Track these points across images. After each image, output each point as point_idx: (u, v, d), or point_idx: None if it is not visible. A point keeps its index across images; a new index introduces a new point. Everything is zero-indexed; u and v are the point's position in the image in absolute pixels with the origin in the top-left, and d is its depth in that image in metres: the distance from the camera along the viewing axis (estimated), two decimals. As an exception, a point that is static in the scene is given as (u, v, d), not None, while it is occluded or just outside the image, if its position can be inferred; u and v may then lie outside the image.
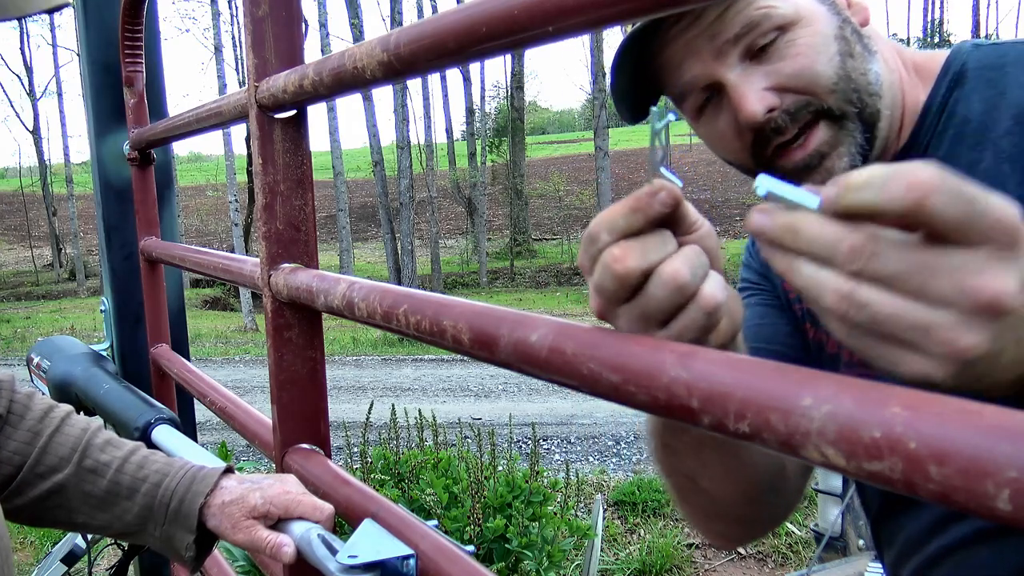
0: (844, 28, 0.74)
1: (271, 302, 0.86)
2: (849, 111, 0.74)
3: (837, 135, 0.74)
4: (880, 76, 0.75)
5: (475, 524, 2.87)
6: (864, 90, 0.74)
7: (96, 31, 1.67)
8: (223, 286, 19.92)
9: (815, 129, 0.74)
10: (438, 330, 0.56)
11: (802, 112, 0.74)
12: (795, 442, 0.32)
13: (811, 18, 0.74)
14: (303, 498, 0.82)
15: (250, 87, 0.84)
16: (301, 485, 0.84)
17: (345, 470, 0.85)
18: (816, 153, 0.75)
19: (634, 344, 0.41)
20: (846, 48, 0.74)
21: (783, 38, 0.73)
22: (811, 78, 0.73)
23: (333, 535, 0.77)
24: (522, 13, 0.45)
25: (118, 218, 1.72)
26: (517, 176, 25.23)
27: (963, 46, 0.78)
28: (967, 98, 0.75)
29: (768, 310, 0.91)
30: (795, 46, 0.73)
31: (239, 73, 24.23)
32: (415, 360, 9.69)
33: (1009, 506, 0.25)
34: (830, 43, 0.73)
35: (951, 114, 0.76)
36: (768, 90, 0.74)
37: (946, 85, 0.77)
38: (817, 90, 0.73)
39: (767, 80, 0.74)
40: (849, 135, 0.74)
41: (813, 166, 0.75)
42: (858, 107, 0.74)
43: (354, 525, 0.76)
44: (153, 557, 1.77)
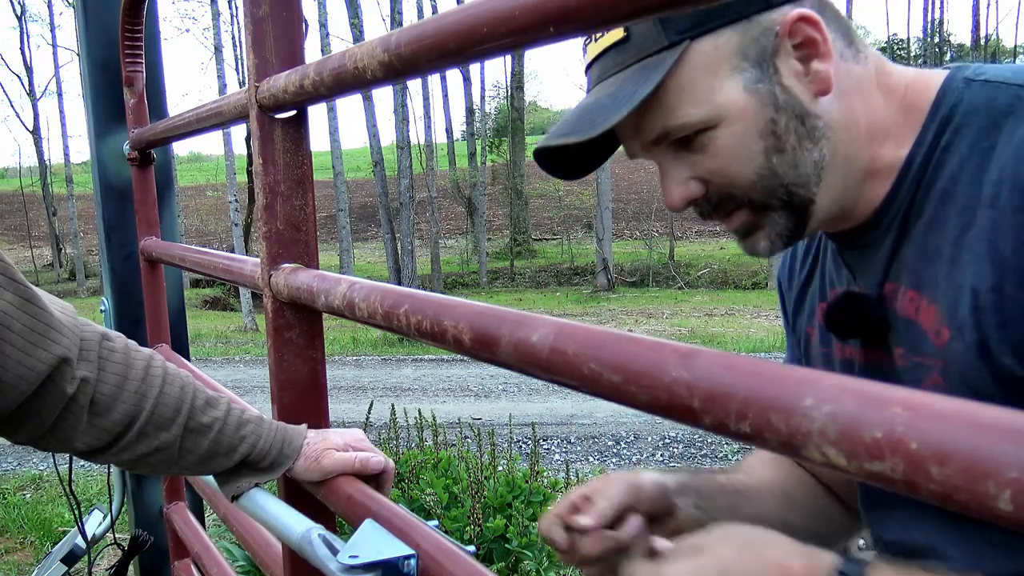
0: (776, 122, 0.70)
1: (271, 302, 0.86)
2: (773, 203, 0.73)
3: (759, 219, 0.75)
4: (823, 160, 0.72)
5: (475, 524, 2.87)
6: (792, 183, 0.72)
7: (96, 31, 1.67)
8: (223, 286, 19.92)
9: (736, 213, 0.76)
10: (439, 330, 0.56)
11: (725, 203, 0.75)
12: (796, 442, 0.32)
13: (734, 117, 0.70)
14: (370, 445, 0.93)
15: (250, 87, 0.84)
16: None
17: (345, 470, 0.86)
18: (740, 229, 0.77)
19: (635, 344, 0.41)
20: (774, 144, 0.71)
21: (705, 136, 0.72)
22: (729, 177, 0.73)
23: (334, 535, 0.77)
24: (522, 14, 0.45)
25: (118, 218, 1.72)
26: (517, 176, 25.23)
27: (955, 79, 0.73)
28: (957, 149, 0.70)
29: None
30: (715, 146, 0.72)
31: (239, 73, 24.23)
32: (415, 360, 9.69)
33: (1010, 506, 0.26)
34: (753, 142, 0.71)
35: (939, 164, 0.72)
36: (693, 179, 0.75)
37: (933, 132, 0.72)
38: (736, 189, 0.73)
39: (691, 170, 0.74)
40: (772, 222, 0.75)
41: (741, 235, 0.78)
42: (784, 198, 0.73)
43: (355, 525, 0.76)
44: (153, 557, 1.77)
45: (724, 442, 5.71)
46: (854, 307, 0.79)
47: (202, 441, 0.88)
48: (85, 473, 5.19)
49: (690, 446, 5.75)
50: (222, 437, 0.88)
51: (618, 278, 19.74)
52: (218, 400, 0.91)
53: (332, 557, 0.73)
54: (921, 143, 0.73)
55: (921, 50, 28.82)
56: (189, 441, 0.87)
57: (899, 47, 33.36)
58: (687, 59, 0.69)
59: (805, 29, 0.69)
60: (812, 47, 0.70)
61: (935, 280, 0.71)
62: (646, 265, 20.78)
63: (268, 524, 0.85)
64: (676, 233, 23.10)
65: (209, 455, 0.88)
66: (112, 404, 0.84)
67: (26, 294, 0.77)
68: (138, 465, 0.89)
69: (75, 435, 0.83)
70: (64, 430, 0.82)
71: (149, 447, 0.86)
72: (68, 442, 0.84)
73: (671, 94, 0.70)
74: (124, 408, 0.85)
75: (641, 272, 20.58)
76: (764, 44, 0.69)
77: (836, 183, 0.73)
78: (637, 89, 0.68)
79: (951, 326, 0.69)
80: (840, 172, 0.73)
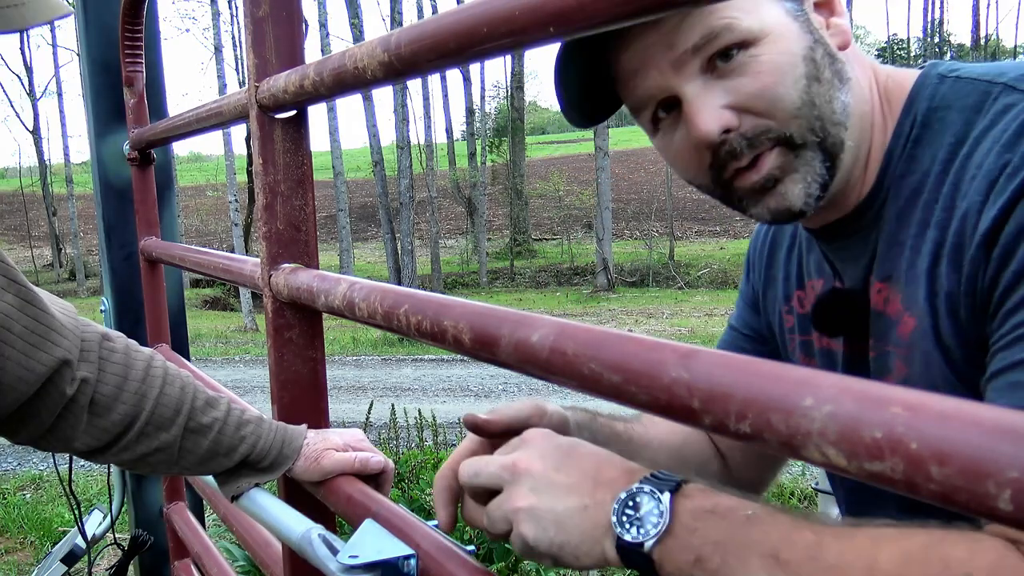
0: (815, 50, 0.69)
1: (271, 302, 0.86)
2: (810, 139, 0.70)
3: (793, 161, 0.71)
4: (849, 107, 0.71)
5: (475, 524, 2.86)
6: (828, 119, 0.69)
7: (96, 31, 1.68)
8: (223, 286, 19.92)
9: (769, 153, 0.71)
10: (439, 330, 0.56)
11: (760, 138, 0.70)
12: (796, 442, 0.32)
13: (779, 35, 0.68)
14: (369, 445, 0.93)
15: (250, 87, 0.84)
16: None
17: (345, 470, 0.86)
18: (769, 177, 0.71)
19: (635, 344, 0.41)
20: (814, 72, 0.69)
21: (746, 53, 0.68)
22: (772, 100, 0.68)
23: (334, 535, 0.77)
24: (522, 14, 0.45)
25: (118, 218, 1.73)
26: (517, 176, 25.23)
27: (929, 75, 0.73)
28: (929, 143, 0.70)
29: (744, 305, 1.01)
30: (758, 63, 0.68)
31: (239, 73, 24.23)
32: (415, 360, 9.69)
33: (1010, 506, 0.26)
34: (797, 64, 0.68)
35: (911, 158, 0.72)
36: (727, 108, 0.69)
37: (908, 126, 0.72)
38: (777, 114, 0.69)
39: (726, 97, 0.69)
40: (806, 163, 0.71)
41: (768, 188, 0.72)
42: (820, 136, 0.70)
43: (355, 525, 0.76)
44: (153, 557, 1.77)
45: (724, 442, 5.70)
46: (840, 304, 0.79)
47: (202, 441, 0.88)
48: (85, 473, 5.19)
49: (690, 446, 5.74)
50: (222, 437, 0.88)
51: (618, 278, 19.74)
52: (218, 400, 0.91)
53: (332, 557, 0.73)
54: (899, 135, 0.73)
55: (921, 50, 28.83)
56: (189, 441, 0.87)
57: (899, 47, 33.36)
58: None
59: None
60: (830, 5, 0.72)
61: (900, 271, 0.72)
62: (646, 265, 20.79)
63: (268, 524, 0.85)
64: (676, 233, 23.10)
65: (209, 455, 0.88)
66: (112, 405, 0.84)
67: (27, 295, 0.77)
68: (138, 465, 0.89)
69: (75, 435, 0.83)
70: (64, 430, 0.82)
71: (149, 447, 0.86)
72: (68, 442, 0.84)
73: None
74: (124, 409, 0.85)
75: (641, 272, 20.59)
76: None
77: (853, 142, 0.72)
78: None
79: (912, 313, 0.70)
80: (856, 132, 0.72)
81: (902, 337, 0.72)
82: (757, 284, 0.96)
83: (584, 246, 24.22)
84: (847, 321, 0.79)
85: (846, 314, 0.79)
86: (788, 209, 0.72)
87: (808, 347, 0.87)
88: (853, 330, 0.79)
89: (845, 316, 0.79)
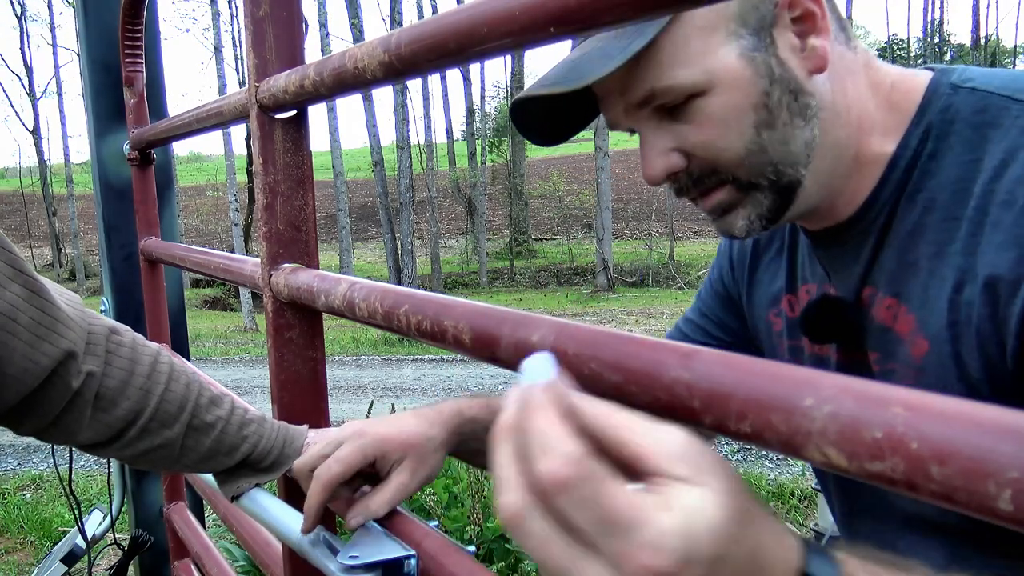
0: (771, 95, 0.67)
1: (271, 302, 0.86)
2: (760, 182, 0.70)
3: (741, 198, 0.72)
4: (814, 141, 0.69)
5: (475, 524, 2.87)
6: (782, 160, 0.69)
7: (96, 31, 1.67)
8: (223, 286, 19.92)
9: (716, 191, 0.72)
10: (439, 330, 0.56)
11: (706, 179, 0.71)
12: (797, 442, 0.32)
13: (727, 84, 0.66)
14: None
15: (250, 87, 0.84)
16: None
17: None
18: (716, 208, 0.73)
19: (635, 344, 0.41)
20: (766, 119, 0.67)
21: (694, 103, 0.67)
22: (716, 151, 0.69)
23: (334, 535, 0.77)
24: (523, 14, 0.45)
25: (118, 218, 1.72)
26: (517, 176, 25.23)
27: (941, 83, 0.71)
28: (943, 158, 0.68)
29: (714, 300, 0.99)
30: (703, 115, 0.68)
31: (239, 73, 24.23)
32: (415, 360, 9.69)
33: (1011, 506, 0.26)
34: (745, 114, 0.67)
35: (925, 172, 0.69)
36: (675, 151, 0.70)
37: (918, 137, 0.70)
38: (722, 163, 0.69)
39: (674, 141, 0.70)
40: (755, 201, 0.71)
41: (715, 217, 0.75)
42: (772, 178, 0.69)
43: (355, 525, 0.76)
44: (153, 557, 1.77)
45: (724, 442, 5.70)
46: (831, 312, 0.78)
47: (204, 440, 0.88)
48: (85, 473, 5.19)
49: (690, 446, 5.74)
50: (224, 436, 0.88)
51: (618, 278, 19.74)
52: (222, 399, 0.91)
53: (332, 557, 0.73)
54: (906, 146, 0.71)
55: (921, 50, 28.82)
56: (192, 439, 0.87)
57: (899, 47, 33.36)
58: (684, 18, 0.66)
59: (805, 2, 0.67)
60: (810, 22, 0.68)
61: (914, 290, 0.70)
62: (646, 265, 20.79)
63: (268, 524, 0.85)
64: (676, 233, 23.10)
65: (211, 454, 0.88)
66: (117, 399, 0.84)
67: (34, 286, 0.77)
68: (139, 461, 0.89)
69: (79, 429, 0.83)
70: (69, 424, 0.82)
71: (152, 443, 0.86)
72: (72, 435, 0.84)
73: (663, 52, 0.66)
74: (129, 404, 0.84)
75: (641, 272, 20.58)
76: (763, 12, 0.67)
77: (824, 168, 0.71)
78: (630, 43, 0.65)
79: (928, 337, 0.69)
80: (829, 157, 0.71)
81: (913, 359, 0.70)
82: (740, 284, 0.95)
83: (584, 246, 24.22)
84: (838, 329, 0.78)
85: (837, 322, 0.77)
86: (732, 235, 0.75)
87: (798, 352, 0.86)
88: (844, 338, 0.78)
89: (836, 324, 0.78)
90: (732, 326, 0.97)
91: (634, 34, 0.65)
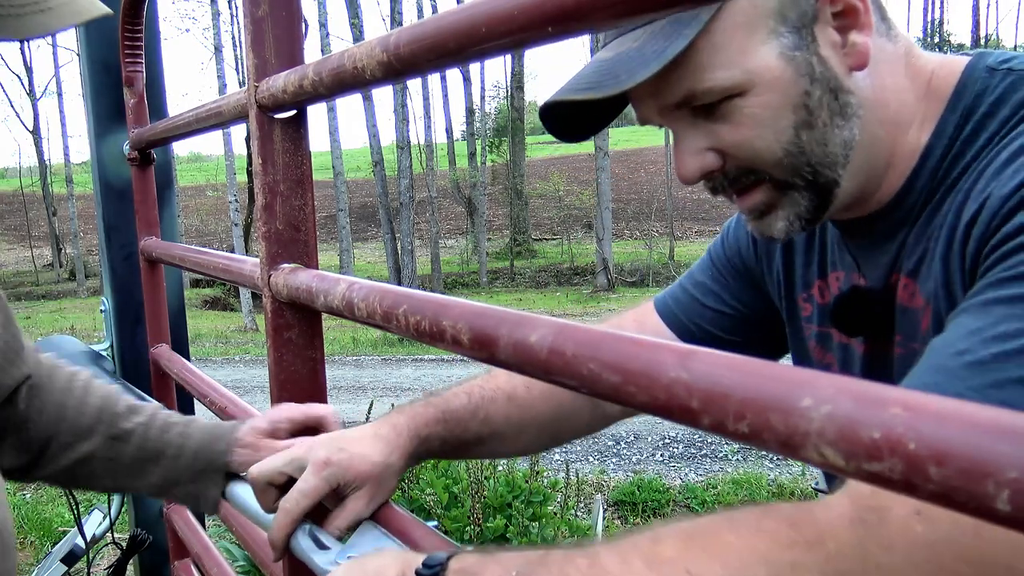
0: (810, 94, 0.65)
1: (271, 302, 0.86)
2: (797, 182, 0.69)
3: (779, 198, 0.70)
4: (853, 139, 0.68)
5: (475, 524, 2.87)
6: (820, 161, 0.67)
7: (96, 31, 1.67)
8: (223, 286, 19.92)
9: (754, 191, 0.71)
10: (438, 331, 0.56)
11: (742, 178, 0.70)
12: (795, 443, 0.32)
13: (767, 85, 0.65)
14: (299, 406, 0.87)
15: (250, 87, 0.84)
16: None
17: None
18: (754, 209, 0.72)
19: (634, 345, 0.41)
20: (806, 119, 0.66)
21: (731, 103, 0.66)
22: (753, 151, 0.67)
23: (324, 531, 0.77)
24: (522, 14, 0.45)
25: (118, 218, 1.73)
26: (517, 176, 25.23)
27: (976, 67, 0.68)
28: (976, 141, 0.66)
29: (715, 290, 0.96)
30: (741, 115, 0.66)
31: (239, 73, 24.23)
32: (415, 360, 9.69)
33: (1009, 506, 0.25)
34: (784, 115, 0.66)
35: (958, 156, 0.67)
36: (710, 150, 0.69)
37: (954, 123, 0.68)
38: (758, 163, 0.68)
39: (709, 140, 0.69)
40: (793, 202, 0.70)
41: (753, 218, 0.73)
42: (809, 177, 0.68)
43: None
44: (153, 557, 1.77)
45: (724, 442, 5.71)
46: (860, 304, 0.77)
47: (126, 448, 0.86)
48: (85, 473, 5.18)
49: (690, 446, 5.75)
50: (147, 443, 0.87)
51: (618, 278, 19.74)
52: (142, 408, 0.90)
53: (317, 550, 0.73)
54: (941, 134, 0.68)
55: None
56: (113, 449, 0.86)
57: (899, 47, 33.18)
58: (723, 16, 0.63)
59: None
60: (852, 16, 0.65)
61: (925, 265, 0.69)
62: (646, 265, 20.78)
63: (259, 521, 0.85)
64: (676, 233, 23.10)
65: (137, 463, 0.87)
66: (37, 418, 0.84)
67: (8, 313, 0.78)
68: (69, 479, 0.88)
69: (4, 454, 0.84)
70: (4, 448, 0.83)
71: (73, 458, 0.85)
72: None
73: (702, 53, 0.64)
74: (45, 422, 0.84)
75: (641, 272, 20.58)
76: (804, 8, 0.65)
77: (862, 166, 0.69)
78: (668, 45, 0.62)
79: (929, 303, 0.68)
80: (866, 154, 0.69)
81: (923, 335, 0.69)
82: (763, 261, 0.92)
83: (584, 246, 24.22)
84: (867, 321, 0.77)
85: (866, 314, 0.76)
86: (771, 236, 0.73)
87: (825, 339, 0.84)
88: (873, 330, 0.77)
89: (865, 316, 0.77)
90: (745, 299, 0.95)
91: (671, 35, 0.63)
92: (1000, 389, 0.50)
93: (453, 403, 0.90)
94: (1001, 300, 0.54)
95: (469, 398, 0.92)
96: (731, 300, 0.96)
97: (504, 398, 0.93)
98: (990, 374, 0.51)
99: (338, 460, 0.77)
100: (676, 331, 0.97)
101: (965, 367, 0.53)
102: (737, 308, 0.95)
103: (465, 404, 0.91)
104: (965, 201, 0.64)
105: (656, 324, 0.98)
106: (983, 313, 0.54)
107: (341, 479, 0.77)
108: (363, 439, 0.81)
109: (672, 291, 1.00)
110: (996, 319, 0.53)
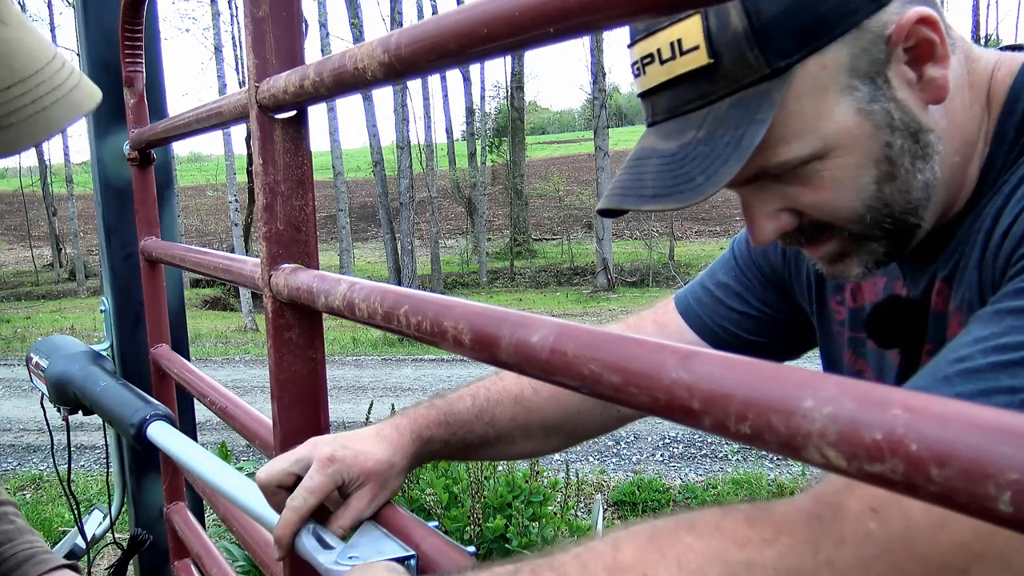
0: (891, 145, 0.61)
1: (271, 302, 0.86)
2: (875, 234, 0.65)
3: (854, 248, 0.67)
4: (932, 180, 0.64)
5: (475, 524, 2.87)
6: (902, 209, 0.64)
7: (96, 31, 1.67)
8: (223, 286, 19.92)
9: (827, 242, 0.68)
10: (439, 331, 0.56)
11: (819, 232, 0.67)
12: (796, 443, 0.32)
13: (846, 146, 0.61)
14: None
15: (250, 87, 0.84)
16: None
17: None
18: (827, 256, 0.69)
19: (635, 346, 0.41)
20: (887, 171, 0.62)
21: (808, 167, 0.62)
22: (832, 211, 0.64)
23: (327, 531, 0.77)
24: (523, 14, 0.45)
25: (118, 218, 1.72)
26: (517, 176, 25.22)
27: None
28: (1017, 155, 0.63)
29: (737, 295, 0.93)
30: (819, 178, 0.62)
31: (239, 73, 24.22)
32: (415, 360, 9.68)
33: (1010, 508, 0.25)
34: (865, 171, 0.62)
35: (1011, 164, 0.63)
36: (784, 211, 0.66)
37: (1013, 128, 0.63)
38: (837, 221, 0.65)
39: (784, 201, 0.65)
40: (869, 251, 0.67)
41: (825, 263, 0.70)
42: (889, 228, 0.65)
43: (354, 526, 0.76)
44: (153, 557, 1.77)
45: (724, 442, 5.71)
46: (896, 314, 0.74)
47: None
48: (85, 473, 5.19)
49: (690, 446, 5.75)
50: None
51: (618, 278, 19.74)
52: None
53: (321, 550, 0.73)
54: (1000, 142, 0.64)
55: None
56: None
57: (899, 47, 33.17)
58: (793, 86, 0.59)
59: (923, 31, 0.60)
60: (927, 49, 0.61)
61: (959, 271, 0.67)
62: (646, 265, 20.78)
63: (262, 521, 0.85)
64: (676, 233, 23.09)
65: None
66: None
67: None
68: None
69: None
70: None
71: None
72: None
73: (773, 128, 0.59)
74: None
75: (641, 272, 20.58)
76: (875, 54, 0.60)
77: (942, 200, 0.66)
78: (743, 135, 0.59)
79: (961, 318, 0.66)
80: (946, 187, 0.65)
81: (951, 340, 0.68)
82: (790, 265, 0.90)
83: (584, 246, 24.22)
84: (902, 332, 0.74)
85: (901, 325, 0.74)
86: (845, 279, 0.71)
87: (859, 344, 0.82)
88: (909, 342, 0.74)
89: (900, 327, 0.74)
90: (770, 301, 0.92)
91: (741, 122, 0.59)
92: (988, 398, 0.50)
93: (457, 406, 0.90)
94: (1013, 311, 0.53)
95: (473, 401, 0.92)
96: (755, 302, 0.93)
97: (511, 400, 0.93)
98: (981, 382, 0.51)
99: (342, 457, 0.78)
100: (699, 332, 0.95)
101: (959, 374, 0.52)
102: (762, 310, 0.93)
103: (469, 407, 0.91)
104: (1004, 206, 0.62)
105: (679, 326, 0.96)
106: (992, 322, 0.53)
107: (346, 476, 0.77)
108: (366, 438, 0.82)
109: (694, 291, 0.98)
110: (1003, 329, 0.52)
